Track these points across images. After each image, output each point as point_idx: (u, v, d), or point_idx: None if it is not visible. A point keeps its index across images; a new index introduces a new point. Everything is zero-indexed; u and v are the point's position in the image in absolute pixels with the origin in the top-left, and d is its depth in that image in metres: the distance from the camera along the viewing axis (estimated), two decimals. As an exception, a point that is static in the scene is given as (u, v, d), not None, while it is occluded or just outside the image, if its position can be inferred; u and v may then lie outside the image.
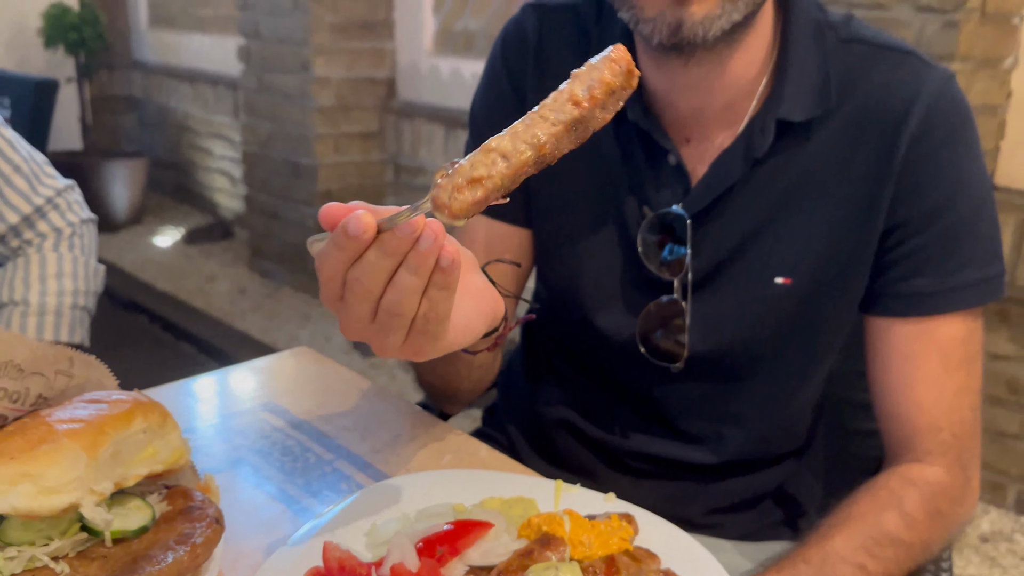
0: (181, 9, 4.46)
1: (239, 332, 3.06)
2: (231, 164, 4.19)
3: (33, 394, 0.55)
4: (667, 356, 0.82)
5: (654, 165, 0.79)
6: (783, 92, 0.74)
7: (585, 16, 0.84)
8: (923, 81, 0.75)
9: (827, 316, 0.82)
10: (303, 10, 3.03)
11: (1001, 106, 1.87)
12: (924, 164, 0.74)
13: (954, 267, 0.76)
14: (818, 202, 0.77)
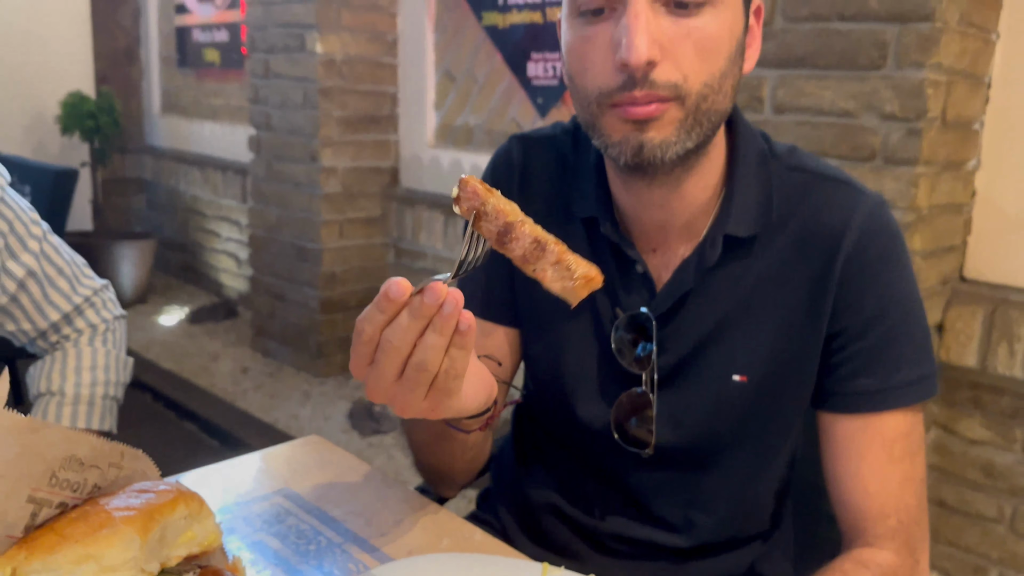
0: (193, 98, 4.66)
1: (241, 411, 3.13)
2: (237, 246, 4.32)
3: (90, 484, 0.64)
4: (638, 443, 0.91)
5: (624, 272, 0.89)
6: (730, 211, 0.85)
7: (563, 145, 0.96)
8: (856, 207, 0.85)
9: (781, 411, 0.91)
10: (312, 105, 3.20)
11: (966, 205, 1.99)
12: (859, 279, 0.85)
13: (893, 368, 0.85)
14: (768, 309, 0.87)
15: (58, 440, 0.61)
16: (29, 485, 0.60)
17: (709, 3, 0.74)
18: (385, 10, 3.32)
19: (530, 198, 0.95)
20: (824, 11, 1.81)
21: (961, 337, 1.95)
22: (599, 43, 0.75)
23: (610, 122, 0.78)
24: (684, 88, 0.75)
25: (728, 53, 0.77)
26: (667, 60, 0.73)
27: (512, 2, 2.94)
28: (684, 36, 0.74)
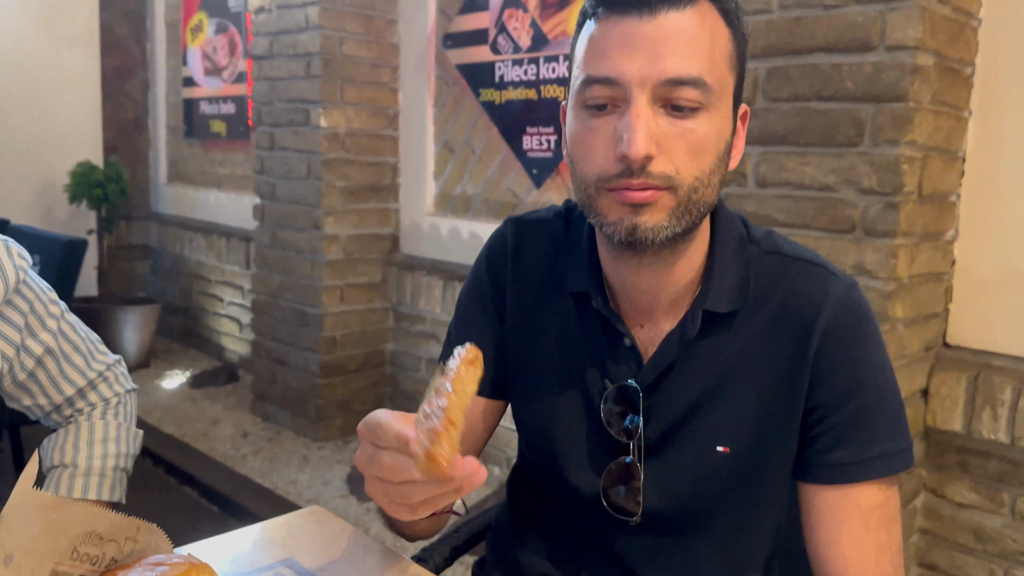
0: (199, 167, 4.79)
1: (241, 476, 3.15)
2: (239, 310, 4.39)
3: (108, 557, 0.69)
4: (626, 512, 0.95)
5: (613, 345, 0.95)
6: (709, 289, 0.91)
7: (554, 228, 1.03)
8: (829, 288, 0.91)
9: (764, 481, 0.95)
10: (316, 176, 3.31)
11: (947, 273, 2.06)
12: (832, 358, 0.90)
13: (867, 441, 0.90)
14: (748, 383, 0.92)
15: (80, 516, 0.66)
16: (53, 559, 0.65)
17: (703, 108, 0.81)
18: (387, 86, 3.45)
19: (522, 276, 1.02)
20: (803, 92, 1.90)
21: (946, 402, 2.00)
22: (602, 134, 0.82)
23: (607, 204, 0.84)
24: (677, 180, 0.81)
25: (717, 152, 0.84)
26: (662, 155, 0.80)
27: (508, 79, 3.06)
28: (679, 136, 0.81)
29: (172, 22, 4.90)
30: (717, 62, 0.82)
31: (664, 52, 0.79)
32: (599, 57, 0.82)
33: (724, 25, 0.84)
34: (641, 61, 0.79)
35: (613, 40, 0.81)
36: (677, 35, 0.80)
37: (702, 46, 0.81)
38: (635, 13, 0.80)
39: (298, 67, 3.34)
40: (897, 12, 1.77)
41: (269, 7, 3.44)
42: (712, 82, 0.81)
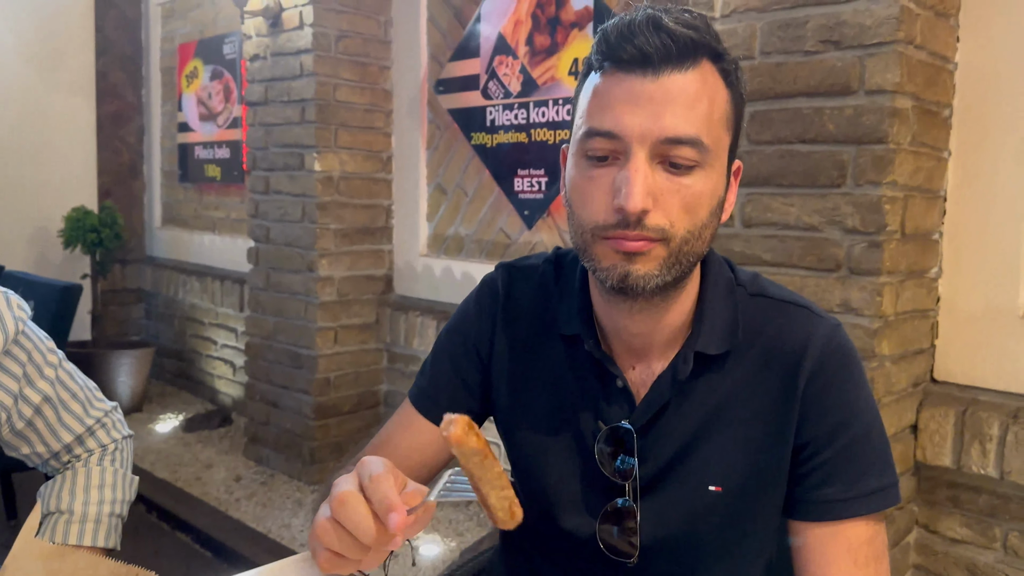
0: (194, 211, 4.83)
1: (234, 521, 3.13)
2: (233, 352, 4.39)
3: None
4: (622, 553, 0.96)
5: (605, 387, 0.97)
6: (700, 331, 0.94)
7: (545, 274, 1.06)
8: (814, 331, 0.94)
9: (756, 519, 0.97)
10: (311, 219, 3.35)
11: (932, 310, 2.10)
12: (819, 398, 0.92)
13: (855, 478, 0.92)
14: (739, 423, 0.94)
15: (81, 565, 0.68)
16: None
17: (698, 166, 0.84)
18: (380, 131, 3.51)
19: (513, 321, 1.05)
20: (786, 135, 1.95)
21: (935, 437, 2.02)
22: (601, 184, 0.85)
23: (602, 250, 0.87)
24: (670, 232, 0.84)
25: (710, 208, 0.87)
26: (658, 209, 0.83)
27: (499, 124, 3.12)
28: (674, 191, 0.84)
29: (167, 68, 4.98)
30: (714, 123, 0.85)
31: (665, 111, 0.82)
32: (602, 110, 0.85)
33: (724, 86, 0.87)
34: (643, 118, 0.82)
35: (617, 95, 0.84)
36: (678, 96, 0.83)
37: (701, 107, 0.84)
38: (639, 72, 0.83)
39: (293, 113, 3.40)
40: (875, 57, 1.82)
41: (264, 54, 3.51)
42: (708, 142, 0.84)
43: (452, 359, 1.08)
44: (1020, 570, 1.98)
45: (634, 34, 0.83)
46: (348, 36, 3.37)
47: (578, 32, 2.85)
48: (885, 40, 1.81)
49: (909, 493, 2.08)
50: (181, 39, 4.81)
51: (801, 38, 1.92)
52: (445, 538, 2.98)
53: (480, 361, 1.06)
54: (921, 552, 2.13)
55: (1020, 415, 1.90)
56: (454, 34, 3.29)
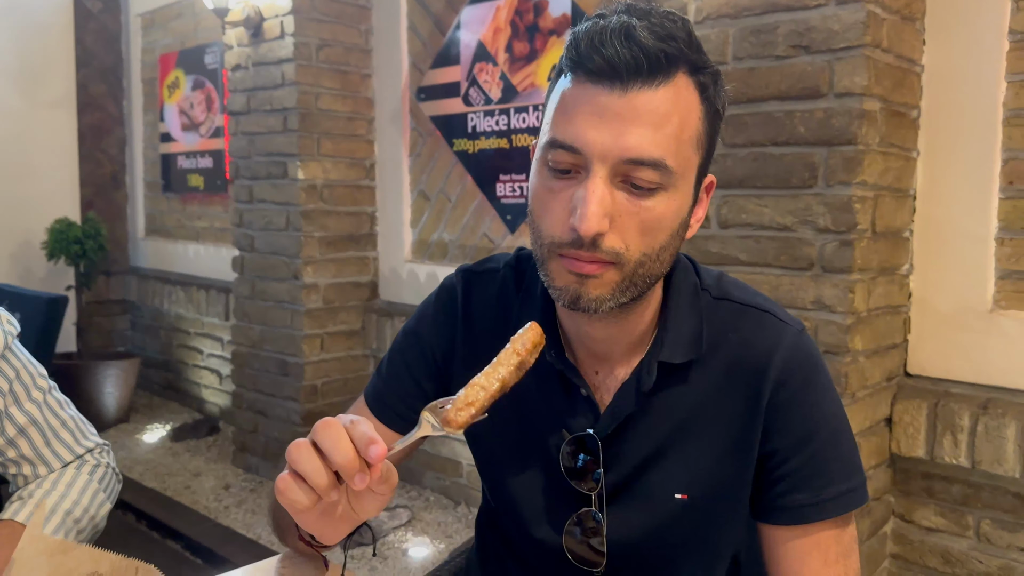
0: (177, 221, 4.84)
1: (224, 528, 3.15)
2: (219, 362, 4.40)
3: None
4: (589, 562, 0.96)
5: (569, 397, 0.95)
6: (664, 340, 0.92)
7: (506, 280, 1.03)
8: (778, 338, 0.93)
9: (722, 525, 0.98)
10: (295, 227, 3.37)
11: (904, 306, 2.15)
12: (786, 406, 0.92)
13: (823, 484, 0.92)
14: (704, 432, 0.94)
15: (84, 559, 0.71)
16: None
17: (661, 189, 0.80)
18: (363, 138, 3.55)
19: (473, 328, 1.02)
20: (759, 138, 2.01)
21: (909, 430, 2.08)
22: (561, 198, 0.82)
23: (556, 268, 0.84)
24: (624, 256, 0.81)
25: (671, 230, 0.84)
26: (614, 230, 0.80)
27: (480, 130, 3.16)
28: (633, 213, 0.80)
29: (148, 79, 4.99)
30: (683, 143, 0.81)
31: (629, 130, 0.78)
32: (567, 122, 0.81)
33: (698, 102, 0.82)
34: (606, 135, 0.78)
35: (582, 107, 0.80)
36: (646, 115, 0.78)
37: (670, 128, 0.79)
38: (607, 84, 0.79)
39: (275, 122, 3.42)
40: (844, 61, 1.88)
41: (246, 64, 3.54)
42: (674, 165, 0.80)
43: (407, 362, 1.05)
44: (993, 556, 2.04)
45: (604, 44, 0.78)
46: (329, 45, 3.41)
47: (556, 39, 2.90)
48: (853, 44, 1.86)
49: (885, 484, 2.14)
50: (162, 50, 4.83)
51: (772, 43, 1.97)
52: (434, 540, 3.01)
53: (436, 367, 1.04)
54: (898, 541, 2.19)
55: (989, 406, 1.96)
56: (434, 42, 3.34)
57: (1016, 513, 2.01)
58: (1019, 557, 2.01)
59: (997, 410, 1.95)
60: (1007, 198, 2.03)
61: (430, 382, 1.05)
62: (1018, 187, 2.01)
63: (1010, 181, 2.02)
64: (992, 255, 2.06)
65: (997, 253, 2.05)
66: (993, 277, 2.06)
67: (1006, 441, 1.92)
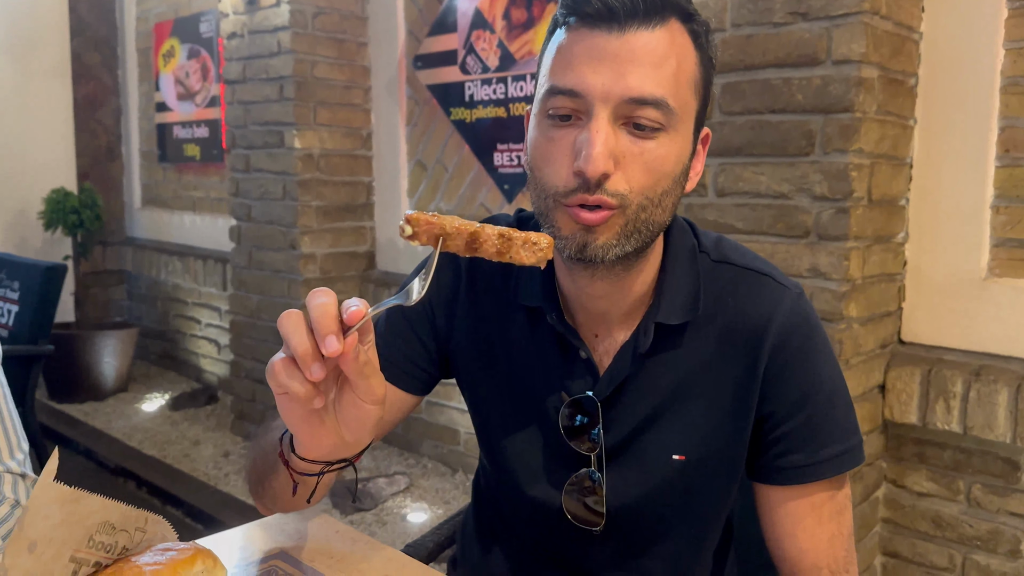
0: (174, 191, 4.83)
1: (224, 494, 3.19)
2: (217, 331, 4.42)
3: (120, 546, 0.75)
4: (588, 522, 0.98)
5: (568, 359, 0.96)
6: (661, 302, 0.93)
7: None
8: (778, 302, 0.94)
9: (717, 485, 1.00)
10: (292, 197, 3.37)
11: (899, 274, 2.17)
12: (784, 370, 0.93)
13: (819, 445, 0.94)
14: (701, 393, 0.95)
15: (95, 508, 0.72)
16: (71, 547, 0.71)
17: (663, 130, 0.81)
18: (359, 107, 3.53)
19: (476, 289, 1.03)
20: (756, 105, 2.01)
21: (903, 396, 2.10)
22: (562, 145, 0.82)
23: (561, 218, 0.84)
24: (628, 199, 0.81)
25: (673, 175, 0.84)
26: (619, 172, 0.81)
27: (477, 99, 3.15)
28: (637, 154, 0.81)
29: (143, 49, 4.95)
30: (681, 85, 0.82)
31: (629, 70, 0.79)
32: (565, 68, 0.82)
33: (693, 48, 0.84)
34: (606, 76, 0.79)
35: (580, 52, 0.81)
36: (644, 55, 0.79)
37: (668, 68, 0.81)
38: (604, 27, 0.80)
39: (271, 90, 3.41)
40: (841, 28, 1.88)
41: (241, 32, 3.51)
42: (675, 105, 0.81)
43: (409, 321, 1.05)
44: (983, 520, 2.07)
45: None
46: (325, 13, 3.38)
47: (554, 6, 2.89)
48: (851, 11, 1.86)
49: (877, 450, 2.17)
50: (156, 18, 4.79)
51: (770, 10, 1.97)
52: (432, 506, 3.05)
53: (436, 329, 1.05)
54: (889, 506, 2.22)
55: (982, 373, 1.99)
56: (431, 9, 3.31)
57: (1006, 478, 2.04)
58: (1008, 521, 2.04)
59: (989, 376, 1.97)
60: (1003, 166, 2.04)
61: (431, 341, 1.05)
62: (1014, 155, 2.02)
63: (1006, 149, 2.03)
64: (987, 223, 2.07)
65: (992, 221, 2.06)
66: (988, 245, 2.07)
67: (997, 407, 1.95)
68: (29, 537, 0.68)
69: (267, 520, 1.09)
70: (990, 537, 2.07)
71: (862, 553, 2.17)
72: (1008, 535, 2.04)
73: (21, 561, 0.68)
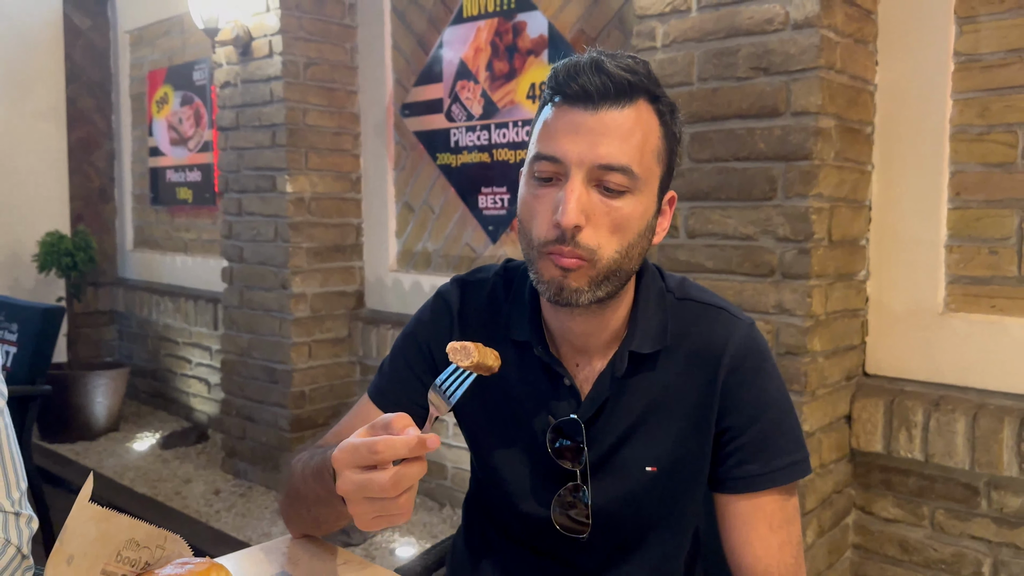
0: (165, 233, 4.93)
1: (215, 530, 3.24)
2: (207, 371, 4.49)
3: (143, 561, 0.85)
4: (575, 531, 1.09)
5: (554, 386, 1.08)
6: (635, 333, 1.07)
7: (496, 287, 1.17)
8: (732, 332, 1.08)
9: (686, 493, 1.11)
10: (283, 239, 3.48)
11: (861, 309, 2.29)
12: (737, 391, 1.07)
13: (770, 456, 1.06)
14: (669, 412, 1.08)
15: (123, 526, 0.82)
16: (102, 561, 0.81)
17: (629, 192, 0.95)
18: (349, 152, 3.67)
19: (467, 329, 1.16)
20: (723, 153, 2.14)
21: (868, 426, 2.22)
22: (545, 202, 0.97)
23: (544, 265, 0.97)
24: (598, 254, 0.95)
25: (638, 230, 0.98)
26: (590, 226, 0.94)
27: (462, 144, 3.29)
28: (605, 212, 0.95)
29: (137, 95, 5.09)
30: (646, 155, 0.96)
31: (601, 142, 0.93)
32: (548, 138, 0.96)
33: (658, 124, 0.98)
34: (582, 146, 0.93)
35: (561, 126, 0.95)
36: (614, 129, 0.94)
37: (634, 140, 0.94)
38: (581, 106, 0.94)
39: (264, 137, 3.54)
40: (800, 82, 2.02)
41: (235, 82, 3.65)
42: (639, 171, 0.95)
43: (408, 361, 1.17)
44: (946, 544, 2.18)
45: (579, 74, 0.94)
46: (316, 63, 3.53)
47: (534, 59, 3.04)
48: (808, 67, 2.01)
49: (846, 478, 2.28)
50: (151, 66, 4.93)
51: (733, 65, 2.11)
52: (420, 540, 3.12)
53: (434, 364, 1.15)
54: (859, 532, 2.32)
55: (941, 403, 2.11)
56: (418, 60, 3.46)
57: (967, 503, 2.14)
58: (970, 544, 2.15)
59: (948, 406, 2.09)
60: (955, 208, 2.18)
61: (429, 376, 1.17)
62: (964, 198, 2.16)
63: (957, 192, 2.17)
64: (942, 261, 2.20)
65: (947, 259, 2.20)
66: (944, 282, 2.21)
67: (956, 435, 2.06)
68: (67, 552, 0.78)
69: (268, 544, 1.19)
70: (954, 560, 2.17)
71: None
72: (971, 558, 2.14)
73: (60, 572, 0.78)
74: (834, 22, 2.03)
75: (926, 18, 2.17)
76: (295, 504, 1.13)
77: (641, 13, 2.28)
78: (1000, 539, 2.10)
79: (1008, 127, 2.09)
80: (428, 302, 1.22)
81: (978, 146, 2.13)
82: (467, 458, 2.30)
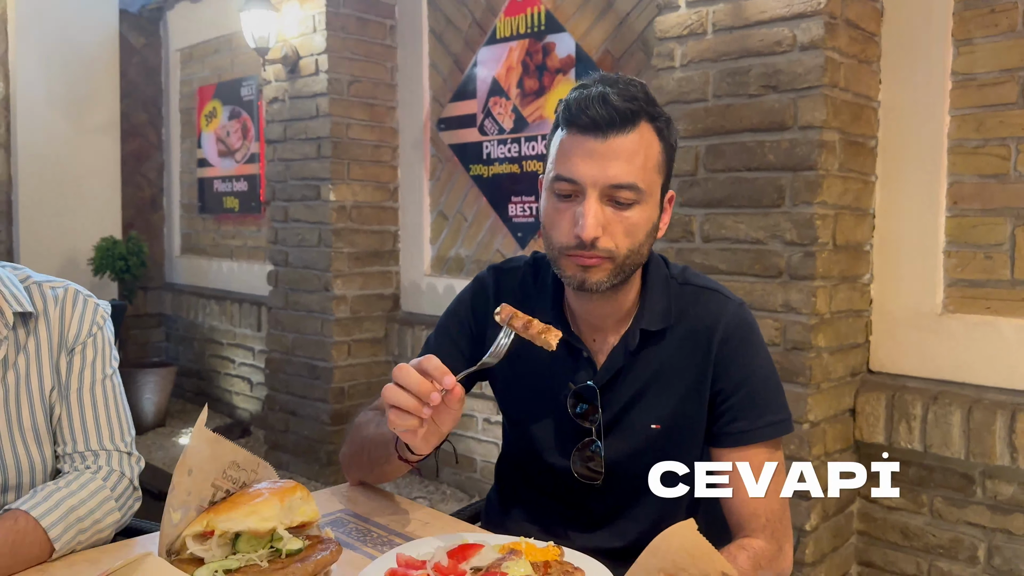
0: (212, 240, 5.19)
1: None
2: (250, 370, 4.73)
3: (240, 481, 1.05)
4: (590, 479, 1.29)
5: (574, 358, 1.27)
6: (643, 314, 1.27)
7: (526, 275, 1.38)
8: (724, 309, 1.27)
9: (685, 448, 1.29)
10: (326, 244, 3.72)
11: (865, 310, 2.46)
12: (728, 359, 1.26)
13: (757, 415, 1.24)
14: (672, 379, 1.27)
15: (228, 449, 1.03)
16: (213, 476, 1.01)
17: (636, 203, 1.14)
18: (387, 164, 3.90)
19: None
20: (735, 164, 2.33)
21: (870, 419, 2.38)
22: (566, 215, 1.15)
23: (566, 263, 1.17)
24: (615, 253, 1.14)
25: (646, 231, 1.17)
26: (606, 235, 1.13)
27: (494, 156, 3.51)
28: (619, 221, 1.14)
29: (186, 109, 5.38)
30: (648, 170, 1.14)
31: (610, 165, 1.11)
32: (566, 160, 1.14)
33: (657, 140, 1.15)
34: (595, 169, 1.12)
35: (576, 152, 1.13)
36: (621, 153, 1.12)
37: (638, 160, 1.13)
38: (592, 135, 1.12)
39: (310, 149, 3.78)
40: (806, 99, 2.21)
41: (283, 98, 3.90)
42: (643, 185, 1.13)
43: (451, 335, 1.37)
44: (945, 530, 2.32)
45: (588, 107, 1.12)
46: (359, 81, 3.77)
47: (562, 77, 3.25)
48: (813, 85, 2.19)
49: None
50: (200, 82, 5.21)
51: (745, 84, 2.30)
52: (451, 528, 3.31)
53: (473, 338, 1.36)
54: (863, 520, 2.47)
55: (939, 398, 2.26)
56: (453, 78, 3.69)
57: (963, 491, 2.29)
58: (967, 530, 2.30)
59: (945, 401, 2.25)
60: (952, 216, 2.34)
61: (469, 348, 1.38)
62: (961, 206, 2.32)
63: (955, 201, 2.34)
64: (941, 266, 2.37)
65: (945, 264, 2.36)
66: (942, 285, 2.37)
67: (952, 427, 2.22)
68: (188, 465, 0.99)
69: (330, 489, 1.39)
70: (952, 545, 2.32)
71: (839, 562, 2.42)
72: (967, 543, 2.29)
73: (183, 480, 0.98)
74: (838, 44, 2.22)
75: (926, 40, 2.35)
76: (358, 453, 1.35)
77: (661, 35, 2.48)
78: (994, 525, 2.25)
79: (1002, 141, 2.25)
80: (467, 287, 1.43)
81: (974, 159, 2.30)
82: (494, 454, 2.47)
